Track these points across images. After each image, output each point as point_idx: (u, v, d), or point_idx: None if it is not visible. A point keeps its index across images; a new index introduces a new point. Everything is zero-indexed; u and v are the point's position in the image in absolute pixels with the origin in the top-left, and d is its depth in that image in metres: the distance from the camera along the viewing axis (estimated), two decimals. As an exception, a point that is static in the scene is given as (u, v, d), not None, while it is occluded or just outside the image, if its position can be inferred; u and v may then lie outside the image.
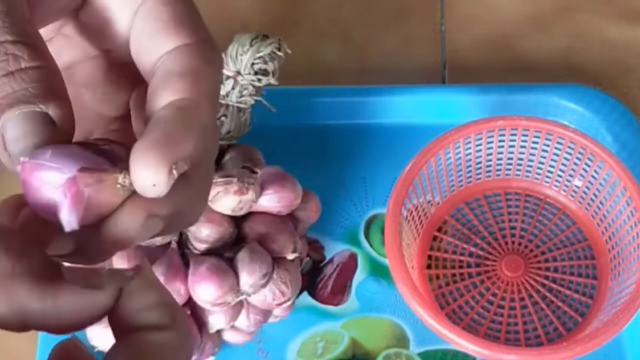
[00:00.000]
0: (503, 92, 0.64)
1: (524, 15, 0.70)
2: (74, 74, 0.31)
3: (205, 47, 0.27)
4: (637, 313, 0.50)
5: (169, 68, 0.26)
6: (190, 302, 0.51)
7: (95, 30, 0.30)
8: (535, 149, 0.58)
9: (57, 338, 0.24)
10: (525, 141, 0.58)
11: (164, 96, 0.26)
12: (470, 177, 0.61)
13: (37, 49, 0.25)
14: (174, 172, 0.24)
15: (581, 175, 0.58)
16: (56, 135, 0.25)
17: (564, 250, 0.59)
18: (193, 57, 0.27)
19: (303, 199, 0.53)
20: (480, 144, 0.58)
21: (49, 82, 0.25)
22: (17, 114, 0.24)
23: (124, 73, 0.31)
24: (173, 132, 0.25)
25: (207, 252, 0.51)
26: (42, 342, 0.56)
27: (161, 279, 0.49)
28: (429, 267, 0.59)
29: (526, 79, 0.66)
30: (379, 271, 0.59)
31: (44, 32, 0.28)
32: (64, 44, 0.30)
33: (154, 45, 0.27)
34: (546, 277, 0.58)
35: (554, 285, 0.58)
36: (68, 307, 0.23)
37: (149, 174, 0.24)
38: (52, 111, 0.25)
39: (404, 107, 0.64)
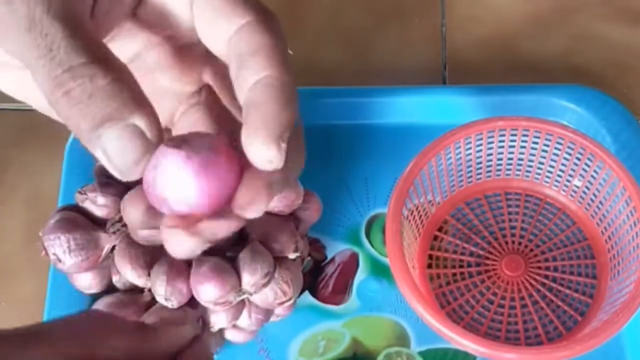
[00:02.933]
0: (503, 92, 0.64)
1: (524, 15, 0.71)
2: (143, 62, 0.32)
3: (264, 19, 0.29)
4: (636, 312, 0.50)
5: (241, 51, 0.28)
6: (192, 302, 0.51)
7: (155, 21, 0.32)
8: (535, 149, 0.59)
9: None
10: (525, 141, 0.58)
11: (248, 78, 0.28)
12: (470, 177, 0.61)
13: (108, 63, 0.26)
14: (282, 144, 0.27)
15: (581, 175, 0.58)
16: (148, 142, 0.26)
17: (563, 250, 0.60)
18: (257, 34, 0.28)
19: (304, 199, 0.54)
20: (481, 144, 0.58)
21: (127, 92, 0.26)
22: (108, 132, 0.25)
23: (190, 52, 0.33)
24: (270, 111, 0.27)
25: (209, 252, 0.51)
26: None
27: (163, 278, 0.50)
28: (429, 266, 0.59)
29: (526, 79, 0.67)
30: (380, 271, 0.59)
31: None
32: (127, 38, 0.32)
33: (217, 29, 0.29)
34: (546, 277, 0.58)
35: (553, 285, 0.58)
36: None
37: (263, 154, 0.27)
38: (139, 121, 0.26)
39: (405, 108, 0.64)
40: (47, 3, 0.26)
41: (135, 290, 0.52)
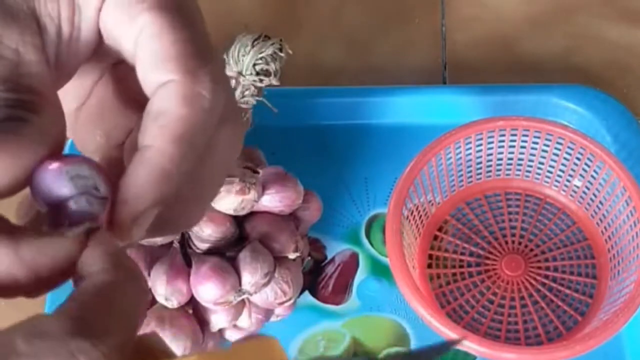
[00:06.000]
0: (503, 92, 0.64)
1: (524, 16, 0.71)
2: (95, 100, 0.33)
3: (191, 83, 0.27)
4: (636, 312, 0.50)
5: (148, 108, 0.27)
6: (192, 301, 0.51)
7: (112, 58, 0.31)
8: (535, 149, 0.59)
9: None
10: (525, 141, 0.58)
11: (140, 141, 0.27)
12: (470, 177, 0.61)
13: (22, 105, 0.27)
14: (139, 224, 0.27)
15: (581, 175, 0.58)
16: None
17: (563, 250, 0.60)
18: (171, 97, 0.27)
19: (304, 199, 0.54)
20: (481, 144, 0.58)
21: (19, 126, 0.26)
22: None
23: (134, 105, 0.32)
24: (134, 189, 0.26)
25: (209, 252, 0.51)
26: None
27: (163, 278, 0.50)
28: (429, 266, 0.59)
29: (526, 79, 0.67)
30: (380, 270, 0.59)
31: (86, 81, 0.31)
32: (87, 70, 0.32)
33: (149, 77, 0.28)
34: (546, 277, 0.59)
35: (554, 285, 0.58)
36: (30, 252, 0.25)
37: (120, 228, 0.27)
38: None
39: (405, 108, 0.64)
40: None
41: (135, 290, 0.52)
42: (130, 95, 0.32)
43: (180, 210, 0.29)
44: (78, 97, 0.32)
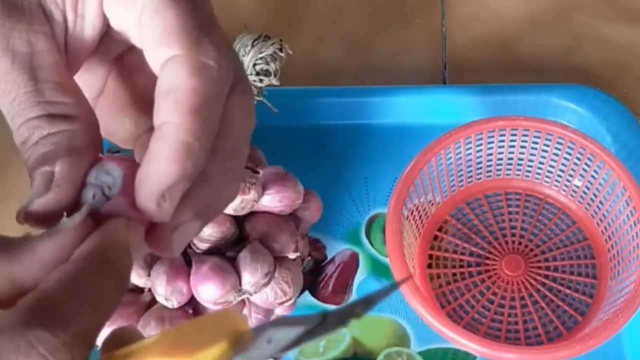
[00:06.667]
0: (503, 92, 0.64)
1: (524, 16, 0.71)
2: (109, 95, 0.33)
3: (196, 55, 0.27)
4: (636, 312, 0.50)
5: (158, 87, 0.27)
6: (192, 301, 0.51)
7: (119, 50, 0.31)
8: (535, 149, 0.59)
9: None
10: (525, 141, 0.58)
11: (156, 120, 0.27)
12: (470, 177, 0.61)
13: (56, 116, 0.27)
14: (163, 203, 0.26)
15: (581, 175, 0.58)
16: (50, 191, 0.27)
17: (563, 250, 0.60)
18: (179, 71, 0.27)
19: (304, 199, 0.54)
20: (481, 144, 0.58)
21: (64, 142, 0.27)
22: (33, 176, 0.27)
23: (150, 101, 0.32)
24: (155, 166, 0.26)
25: (209, 251, 0.51)
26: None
27: (163, 278, 0.50)
28: (429, 266, 0.59)
29: (526, 79, 0.67)
30: (380, 270, 0.59)
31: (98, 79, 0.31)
32: (96, 66, 0.32)
33: (153, 54, 0.28)
34: (546, 277, 0.59)
35: (554, 285, 0.58)
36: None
37: (144, 207, 0.26)
38: (56, 168, 0.27)
39: (405, 107, 0.64)
40: (11, 57, 0.27)
41: (135, 291, 0.52)
42: (145, 83, 0.32)
43: (212, 189, 0.28)
44: (93, 89, 0.32)
